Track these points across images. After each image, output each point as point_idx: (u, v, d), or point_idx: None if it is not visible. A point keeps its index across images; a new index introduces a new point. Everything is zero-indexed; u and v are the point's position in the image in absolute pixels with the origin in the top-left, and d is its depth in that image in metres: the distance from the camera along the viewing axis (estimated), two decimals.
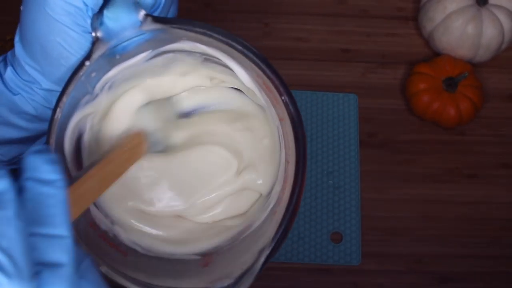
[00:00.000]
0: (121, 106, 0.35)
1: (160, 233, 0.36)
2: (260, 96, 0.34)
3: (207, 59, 0.34)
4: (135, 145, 0.33)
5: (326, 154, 0.62)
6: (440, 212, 0.61)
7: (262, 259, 0.29)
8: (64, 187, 0.23)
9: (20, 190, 0.22)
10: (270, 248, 0.29)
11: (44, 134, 0.32)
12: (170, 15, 0.36)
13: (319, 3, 0.69)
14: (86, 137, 0.34)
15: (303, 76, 0.66)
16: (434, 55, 0.67)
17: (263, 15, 0.68)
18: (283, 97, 0.30)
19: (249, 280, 0.30)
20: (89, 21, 0.31)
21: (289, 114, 0.30)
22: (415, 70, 0.63)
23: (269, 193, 0.36)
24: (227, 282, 0.30)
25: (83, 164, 0.34)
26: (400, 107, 0.65)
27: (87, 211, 0.33)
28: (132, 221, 0.35)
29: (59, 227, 0.22)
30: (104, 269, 0.30)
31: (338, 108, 0.64)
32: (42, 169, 0.23)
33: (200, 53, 0.33)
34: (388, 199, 0.61)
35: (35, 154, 0.23)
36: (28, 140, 0.38)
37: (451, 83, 0.62)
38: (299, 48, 0.67)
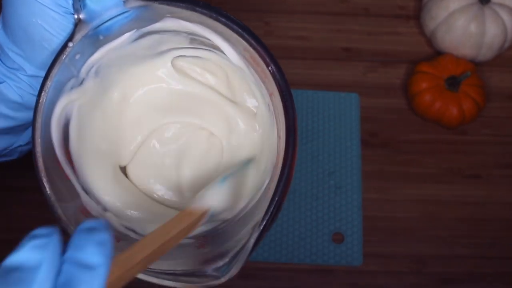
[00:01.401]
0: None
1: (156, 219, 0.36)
2: (249, 73, 0.33)
3: (194, 39, 0.34)
4: (193, 224, 0.30)
5: (327, 154, 0.62)
6: (442, 212, 0.60)
7: (255, 234, 0.29)
8: (104, 274, 0.21)
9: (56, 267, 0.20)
10: (264, 221, 0.29)
11: (31, 124, 0.32)
12: None
13: (321, 2, 0.69)
14: (73, 123, 0.33)
15: (304, 75, 0.65)
16: (436, 54, 0.66)
17: (264, 14, 0.68)
18: (270, 68, 0.29)
19: (242, 259, 0.29)
20: (70, 1, 0.31)
21: (277, 84, 0.29)
22: (417, 69, 0.63)
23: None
24: (222, 261, 0.30)
25: (71, 150, 0.34)
26: (402, 107, 0.64)
27: (78, 198, 0.33)
28: (128, 210, 0.35)
29: None
30: None
31: (339, 107, 0.64)
32: (87, 251, 0.21)
33: (186, 32, 0.33)
34: (390, 199, 0.61)
35: (86, 231, 0.21)
36: (16, 130, 0.37)
37: (453, 83, 0.62)
38: (300, 47, 0.67)
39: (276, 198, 0.29)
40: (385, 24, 0.68)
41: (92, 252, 0.21)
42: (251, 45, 0.30)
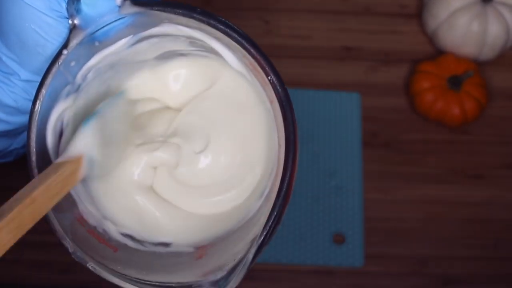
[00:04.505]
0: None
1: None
2: (250, 78, 0.33)
3: (193, 42, 0.33)
4: (68, 175, 0.28)
5: (328, 154, 0.61)
6: (444, 213, 0.60)
7: (254, 249, 0.28)
8: None
9: None
10: (262, 236, 0.28)
11: (27, 128, 0.31)
12: None
13: (321, 1, 0.68)
14: (69, 129, 0.33)
15: (305, 75, 0.65)
16: (438, 53, 0.66)
17: (264, 12, 0.67)
18: (269, 77, 0.29)
19: (241, 272, 0.29)
20: (64, 5, 0.30)
21: (277, 94, 0.29)
22: (419, 68, 0.63)
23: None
24: (220, 274, 0.29)
25: None
26: (404, 106, 0.64)
27: (74, 206, 0.32)
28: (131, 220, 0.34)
29: None
30: (91, 266, 0.30)
31: (340, 107, 0.63)
32: None
33: (184, 36, 0.32)
34: (391, 200, 0.60)
35: None
36: (11, 133, 0.37)
37: (455, 82, 0.61)
38: (301, 46, 0.66)
39: (275, 213, 0.28)
40: (386, 23, 0.68)
41: None
42: (250, 53, 0.29)
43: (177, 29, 0.32)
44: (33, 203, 0.25)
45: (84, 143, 0.29)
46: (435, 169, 0.61)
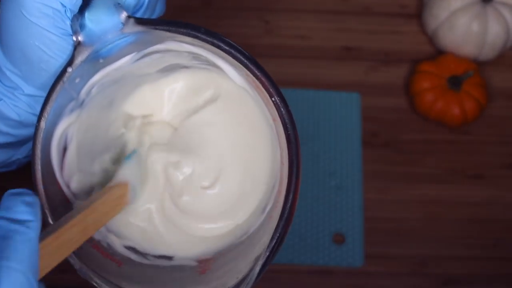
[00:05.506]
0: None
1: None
2: (252, 94, 0.33)
3: (196, 57, 0.33)
4: (118, 197, 0.31)
5: (328, 154, 0.61)
6: (444, 213, 0.60)
7: (257, 268, 0.29)
8: (36, 228, 0.23)
9: None
10: (265, 257, 0.29)
11: (30, 139, 0.31)
12: (156, 13, 0.35)
13: (321, 0, 0.68)
14: (73, 144, 0.33)
15: (304, 75, 0.65)
16: (438, 53, 0.66)
17: (264, 12, 0.67)
18: (273, 98, 0.29)
19: None
20: (68, 22, 0.30)
21: (281, 116, 0.29)
22: (419, 68, 0.63)
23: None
24: None
25: None
26: (404, 106, 0.64)
27: None
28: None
29: (21, 263, 0.21)
30: (96, 282, 0.30)
31: (340, 107, 0.63)
32: (17, 210, 0.23)
33: (187, 52, 0.32)
34: (391, 200, 0.60)
35: (13, 195, 0.24)
36: (14, 145, 0.37)
37: (455, 82, 0.61)
38: (301, 46, 0.66)
39: (278, 234, 0.29)
40: (386, 23, 0.68)
41: (21, 211, 0.23)
42: (254, 74, 0.29)
43: (181, 46, 0.32)
44: (92, 214, 0.28)
45: (129, 173, 0.32)
46: (435, 169, 0.62)
